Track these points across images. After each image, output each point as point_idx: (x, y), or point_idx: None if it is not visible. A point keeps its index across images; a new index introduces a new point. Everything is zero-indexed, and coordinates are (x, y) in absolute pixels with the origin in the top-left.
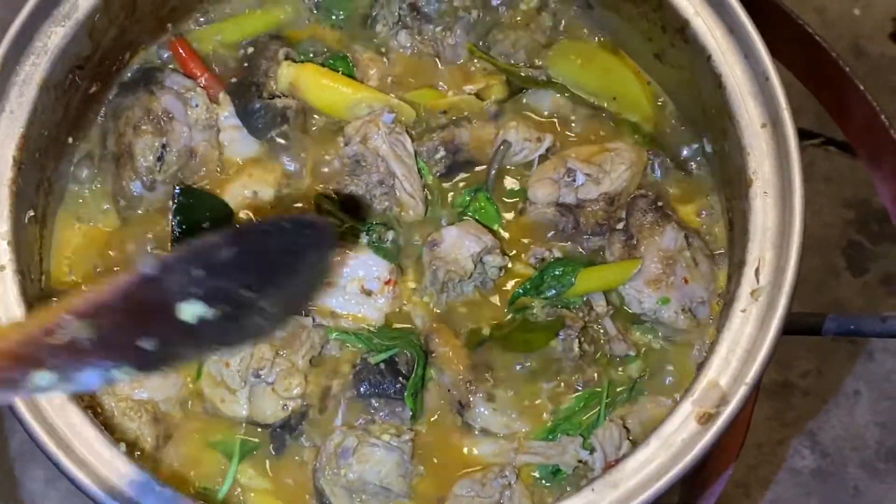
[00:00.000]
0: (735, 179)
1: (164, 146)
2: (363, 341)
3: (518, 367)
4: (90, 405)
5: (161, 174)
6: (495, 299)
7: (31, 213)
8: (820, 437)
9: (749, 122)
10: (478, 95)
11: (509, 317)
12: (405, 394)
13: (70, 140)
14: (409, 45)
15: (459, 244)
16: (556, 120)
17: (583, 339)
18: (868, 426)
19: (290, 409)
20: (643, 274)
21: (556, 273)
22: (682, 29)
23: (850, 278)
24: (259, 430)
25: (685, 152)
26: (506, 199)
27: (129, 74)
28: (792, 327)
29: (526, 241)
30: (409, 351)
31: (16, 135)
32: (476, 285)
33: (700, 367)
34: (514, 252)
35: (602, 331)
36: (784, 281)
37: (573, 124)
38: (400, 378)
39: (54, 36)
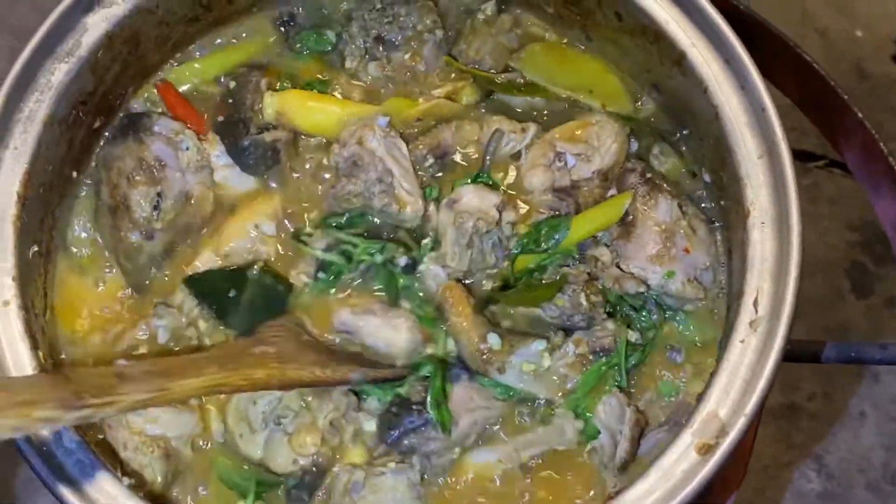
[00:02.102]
0: (733, 209)
1: (159, 194)
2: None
3: (529, 323)
4: (96, 439)
5: (159, 222)
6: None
7: (35, 248)
8: (826, 459)
9: (746, 153)
10: (449, 99)
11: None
12: (427, 405)
13: (74, 174)
14: (379, 75)
15: (480, 195)
16: (533, 113)
17: (588, 291)
18: (874, 448)
19: (300, 464)
20: (645, 251)
21: (551, 224)
22: (679, 61)
23: (855, 300)
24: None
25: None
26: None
27: (115, 122)
28: (791, 355)
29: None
30: (420, 377)
31: (20, 171)
32: (494, 242)
33: (699, 397)
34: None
35: (610, 277)
36: (782, 311)
37: (550, 112)
38: (413, 407)
39: (58, 72)
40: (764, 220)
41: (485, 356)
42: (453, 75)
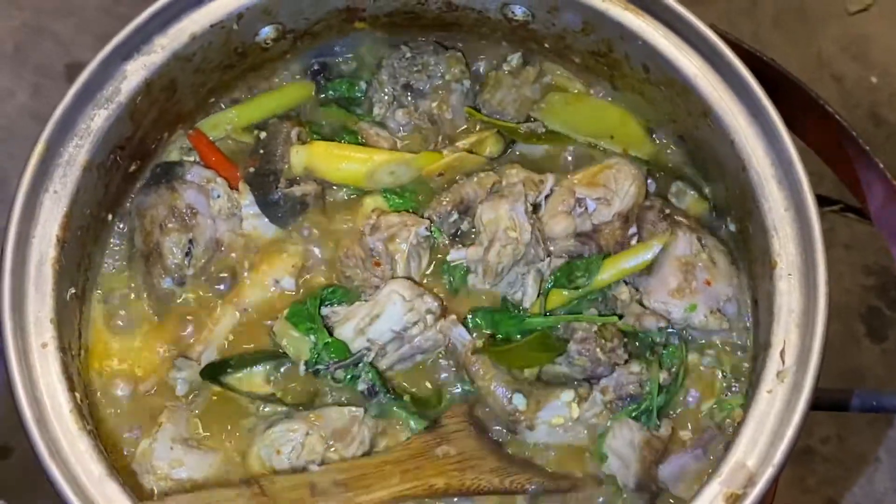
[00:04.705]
0: (759, 260)
1: (191, 241)
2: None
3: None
4: (128, 483)
5: (191, 269)
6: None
7: (73, 290)
8: None
9: (773, 206)
10: (471, 151)
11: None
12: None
13: (110, 217)
14: (406, 122)
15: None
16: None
17: (603, 338)
18: (888, 493)
19: None
20: (666, 286)
21: (583, 261)
22: (706, 113)
23: (870, 345)
24: None
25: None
26: None
27: (149, 170)
28: (818, 403)
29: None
30: None
31: (59, 214)
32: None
33: (727, 447)
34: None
35: (631, 315)
36: (809, 362)
37: (569, 157)
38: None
39: (97, 118)
40: (791, 271)
41: (512, 416)
42: (478, 126)
